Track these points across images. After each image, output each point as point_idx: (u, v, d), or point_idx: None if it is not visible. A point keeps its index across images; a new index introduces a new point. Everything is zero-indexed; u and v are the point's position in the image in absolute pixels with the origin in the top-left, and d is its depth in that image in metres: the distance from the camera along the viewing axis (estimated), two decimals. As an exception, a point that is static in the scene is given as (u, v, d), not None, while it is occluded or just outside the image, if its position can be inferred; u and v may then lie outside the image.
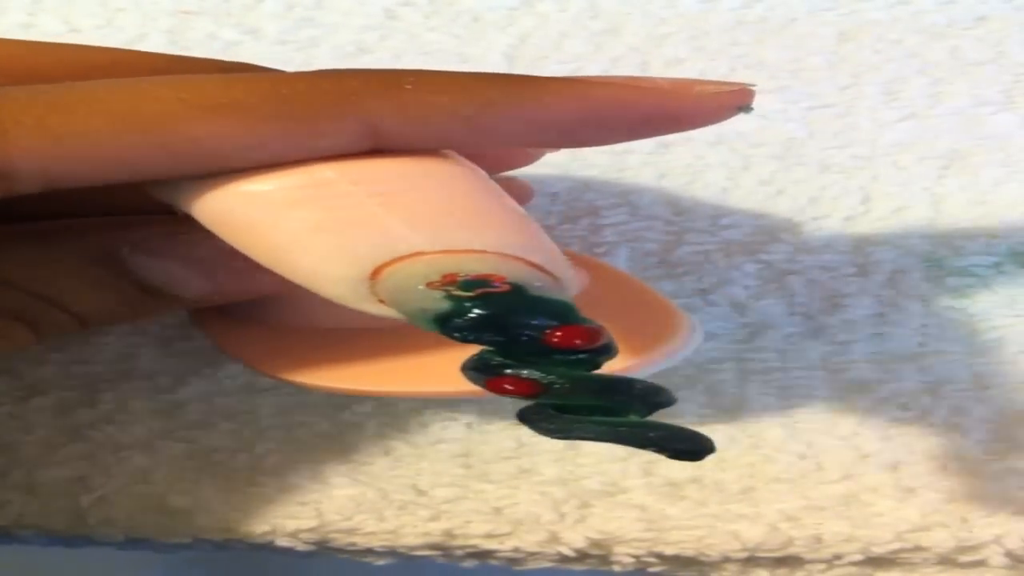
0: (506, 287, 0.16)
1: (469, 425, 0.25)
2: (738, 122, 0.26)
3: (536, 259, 0.17)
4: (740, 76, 0.27)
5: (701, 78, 0.20)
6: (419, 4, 0.27)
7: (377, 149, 0.18)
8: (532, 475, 0.24)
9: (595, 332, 0.16)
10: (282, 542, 0.24)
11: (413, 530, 0.24)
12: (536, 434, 0.16)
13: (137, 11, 0.28)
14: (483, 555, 0.24)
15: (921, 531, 0.23)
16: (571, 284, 0.18)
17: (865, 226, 0.26)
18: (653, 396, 0.16)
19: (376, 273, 0.17)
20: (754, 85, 0.19)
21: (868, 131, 0.26)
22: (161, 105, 0.17)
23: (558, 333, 0.16)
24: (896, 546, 0.23)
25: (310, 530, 0.24)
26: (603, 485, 0.24)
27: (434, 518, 0.24)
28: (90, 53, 0.20)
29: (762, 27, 0.27)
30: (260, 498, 0.24)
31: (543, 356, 0.16)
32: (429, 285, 0.16)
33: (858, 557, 0.23)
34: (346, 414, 0.25)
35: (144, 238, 0.20)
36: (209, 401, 0.25)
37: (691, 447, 0.16)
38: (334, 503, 0.24)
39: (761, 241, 0.26)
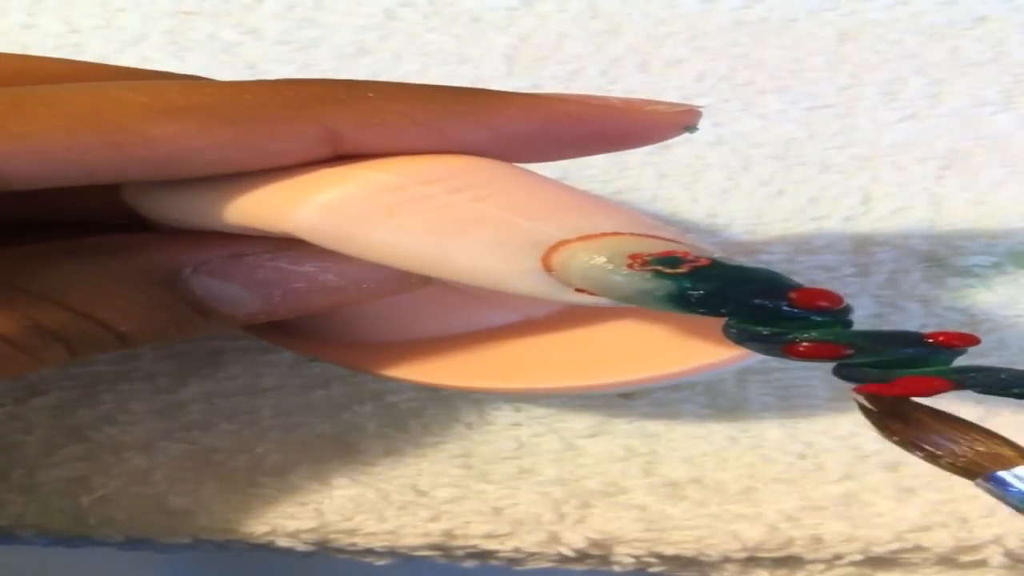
0: (705, 260, 0.17)
1: (469, 425, 0.25)
2: (738, 122, 0.26)
3: (667, 234, 0.17)
4: (740, 76, 0.27)
5: (654, 99, 0.20)
6: (419, 4, 0.27)
7: (338, 155, 0.18)
8: (532, 475, 0.24)
9: (835, 295, 0.16)
10: (282, 542, 0.24)
11: (413, 530, 0.24)
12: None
13: (137, 11, 0.28)
14: (483, 555, 0.24)
15: (921, 531, 0.23)
16: (718, 251, 0.18)
17: (865, 226, 0.26)
18: (954, 342, 0.17)
19: (547, 265, 0.17)
20: (702, 107, 0.20)
21: (868, 131, 0.26)
22: (120, 107, 0.17)
23: (799, 296, 0.16)
24: (896, 546, 0.23)
25: (310, 530, 0.24)
26: (603, 485, 0.24)
27: (434, 518, 0.24)
28: (55, 65, 0.20)
29: (762, 27, 0.27)
30: (260, 498, 0.24)
31: (795, 319, 0.16)
32: (628, 268, 0.16)
33: (858, 557, 0.23)
34: (346, 414, 0.25)
35: (207, 259, 0.20)
36: (209, 401, 0.25)
37: None
38: (334, 503, 0.24)
39: (761, 241, 0.26)
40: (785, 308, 0.16)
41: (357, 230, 0.18)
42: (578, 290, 0.17)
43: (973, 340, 0.17)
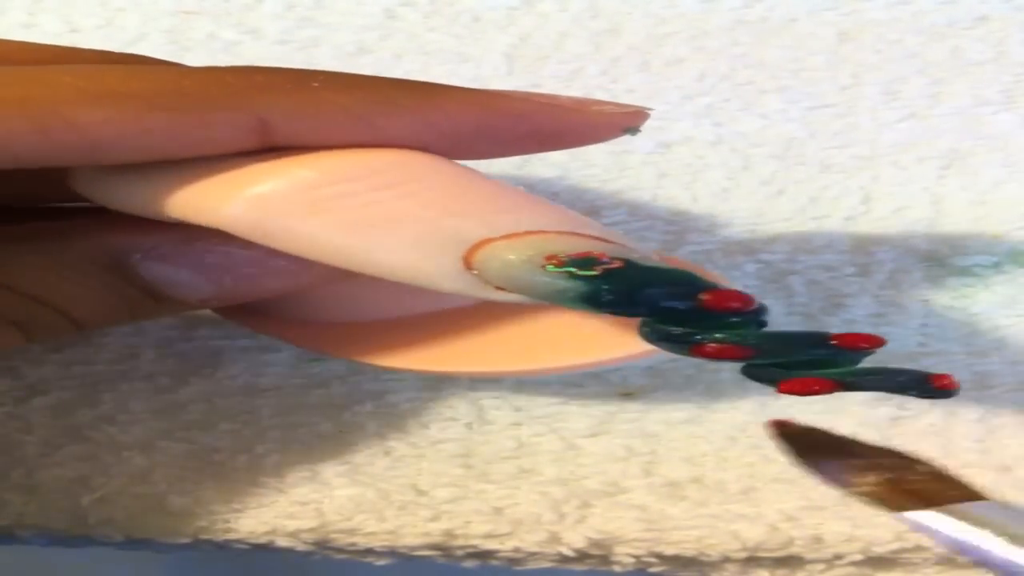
0: (619, 262, 0.17)
1: (469, 425, 0.25)
2: (738, 122, 0.26)
3: (593, 232, 0.17)
4: (740, 76, 0.27)
5: (603, 99, 0.21)
6: (419, 4, 0.27)
7: (270, 146, 0.18)
8: (532, 475, 0.24)
9: (747, 296, 0.17)
10: (282, 542, 0.24)
11: (413, 530, 0.24)
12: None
13: (137, 11, 0.28)
14: (483, 555, 0.24)
15: (921, 531, 0.23)
16: (646, 251, 0.18)
17: (865, 226, 0.26)
18: (860, 343, 0.17)
19: (468, 263, 0.17)
20: (651, 109, 0.20)
21: (868, 131, 0.26)
22: (52, 91, 0.17)
23: (710, 298, 0.16)
24: (896, 546, 0.23)
25: (310, 530, 0.24)
26: (603, 485, 0.24)
27: (434, 518, 0.24)
28: (15, 48, 0.20)
29: (762, 27, 0.27)
30: (260, 498, 0.24)
31: (708, 320, 0.16)
32: (543, 268, 0.17)
33: (858, 557, 0.23)
34: (346, 414, 0.25)
35: (156, 244, 0.20)
36: (209, 401, 0.25)
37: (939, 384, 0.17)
38: (334, 503, 0.24)
39: (761, 241, 0.26)
40: (696, 310, 0.17)
41: (282, 226, 0.18)
42: (498, 288, 0.17)
43: (879, 341, 0.17)
